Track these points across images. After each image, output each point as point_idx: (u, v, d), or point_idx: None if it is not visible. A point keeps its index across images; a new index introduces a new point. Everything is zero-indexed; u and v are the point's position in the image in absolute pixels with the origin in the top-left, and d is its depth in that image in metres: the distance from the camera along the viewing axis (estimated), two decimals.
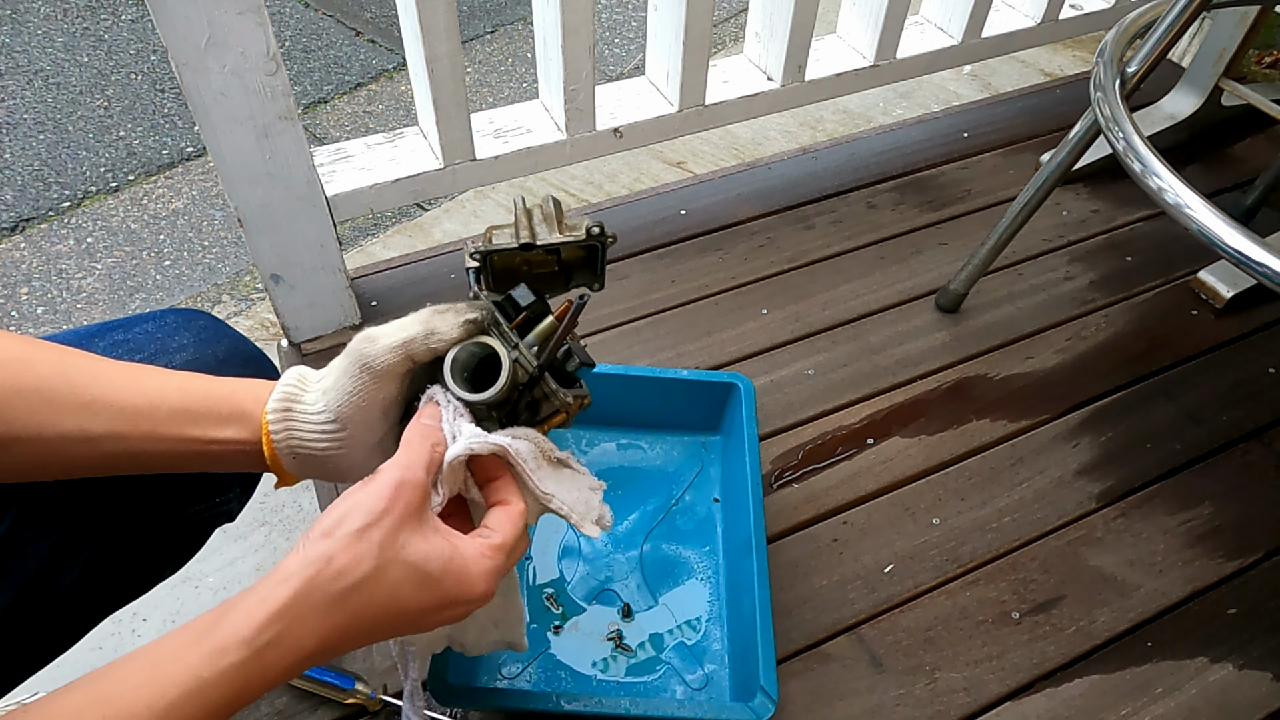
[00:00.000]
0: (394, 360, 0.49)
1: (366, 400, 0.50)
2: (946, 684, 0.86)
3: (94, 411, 0.47)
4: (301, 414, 0.50)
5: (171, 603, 1.08)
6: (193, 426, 0.49)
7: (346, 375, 0.50)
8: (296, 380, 0.51)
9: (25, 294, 1.63)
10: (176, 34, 0.81)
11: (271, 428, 0.50)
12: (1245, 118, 1.49)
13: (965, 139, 1.46)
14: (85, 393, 0.48)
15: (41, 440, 0.47)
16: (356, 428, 0.50)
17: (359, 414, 0.50)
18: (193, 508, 0.62)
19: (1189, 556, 0.96)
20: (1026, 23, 1.40)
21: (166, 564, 0.64)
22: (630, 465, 0.99)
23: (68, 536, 0.54)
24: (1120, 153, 0.82)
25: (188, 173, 1.90)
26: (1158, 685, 0.87)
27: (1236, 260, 0.72)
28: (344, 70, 2.19)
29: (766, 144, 1.89)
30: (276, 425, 0.50)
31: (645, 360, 1.11)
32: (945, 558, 0.95)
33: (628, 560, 0.92)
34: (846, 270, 1.24)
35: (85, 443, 0.48)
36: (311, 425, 0.50)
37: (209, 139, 0.90)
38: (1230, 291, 1.20)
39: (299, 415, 0.50)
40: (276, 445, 0.50)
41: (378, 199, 1.07)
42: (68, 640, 0.60)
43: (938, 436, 1.05)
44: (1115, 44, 0.91)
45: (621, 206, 1.33)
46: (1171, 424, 1.08)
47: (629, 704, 0.75)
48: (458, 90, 1.02)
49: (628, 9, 2.45)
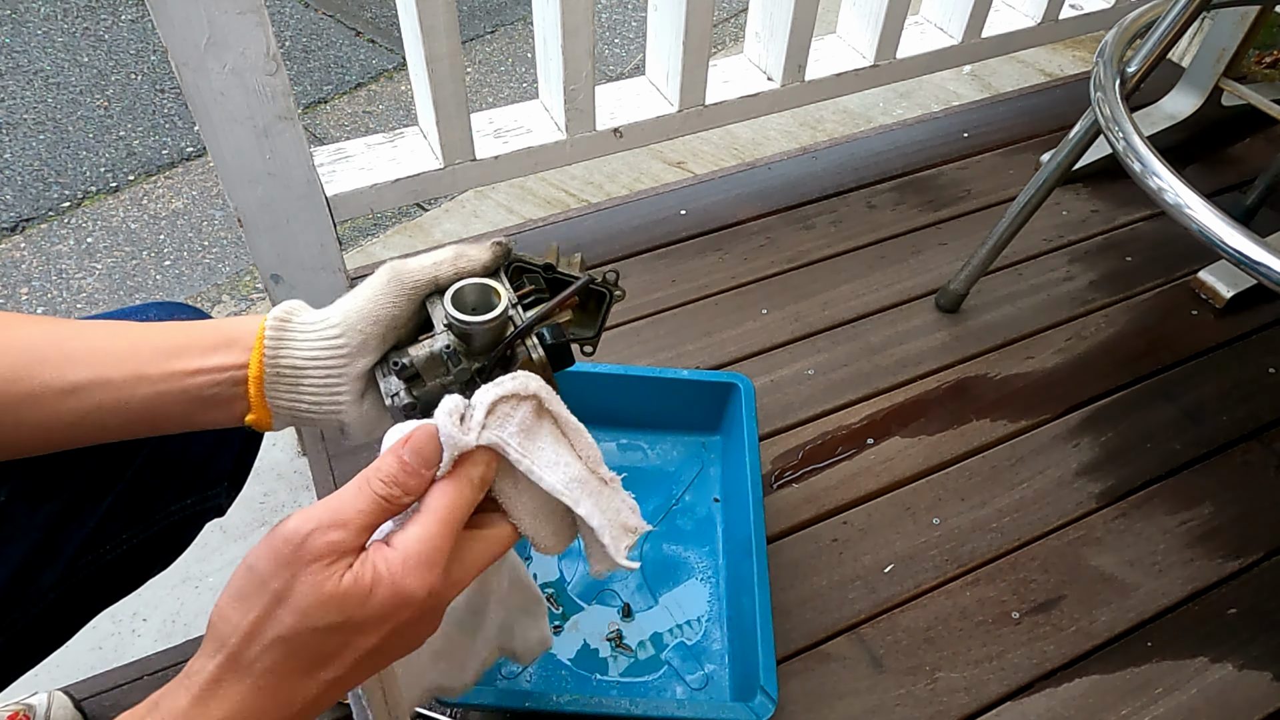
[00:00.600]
0: (423, 277, 0.50)
1: (383, 310, 0.49)
2: (946, 684, 0.86)
3: (76, 360, 0.47)
4: (300, 322, 0.50)
5: (171, 603, 1.08)
6: (178, 360, 0.48)
7: (372, 285, 0.50)
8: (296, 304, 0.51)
9: (25, 294, 1.63)
10: (176, 34, 0.81)
11: (268, 335, 0.49)
12: (1245, 118, 1.49)
13: (965, 139, 1.46)
14: (68, 344, 0.47)
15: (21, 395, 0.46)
16: (357, 338, 0.49)
17: (368, 323, 0.49)
18: (181, 501, 0.62)
19: (1189, 556, 0.96)
20: (1026, 23, 1.40)
21: (156, 560, 0.64)
22: (630, 465, 0.99)
23: (52, 530, 0.54)
24: (1120, 153, 0.82)
25: (188, 173, 1.90)
26: (1158, 685, 0.87)
27: (1236, 260, 0.72)
28: (344, 70, 2.19)
29: (766, 144, 1.89)
30: (272, 334, 0.49)
31: (645, 360, 1.11)
32: (945, 558, 0.95)
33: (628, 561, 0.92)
34: (846, 270, 1.24)
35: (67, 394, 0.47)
36: (311, 332, 0.49)
37: (209, 139, 0.89)
38: (1230, 291, 1.20)
39: (297, 325, 0.50)
40: (267, 357, 0.49)
41: (378, 199, 1.07)
42: (59, 638, 0.59)
43: (938, 436, 1.05)
44: (1115, 44, 0.91)
45: (621, 206, 1.33)
46: (1171, 424, 1.08)
47: (629, 704, 0.75)
48: (458, 90, 1.02)
49: (628, 9, 2.45)
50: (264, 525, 1.16)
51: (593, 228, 1.29)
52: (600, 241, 1.27)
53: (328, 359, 0.49)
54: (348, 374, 0.50)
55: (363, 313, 0.49)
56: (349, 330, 0.49)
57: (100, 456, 0.55)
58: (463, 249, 0.51)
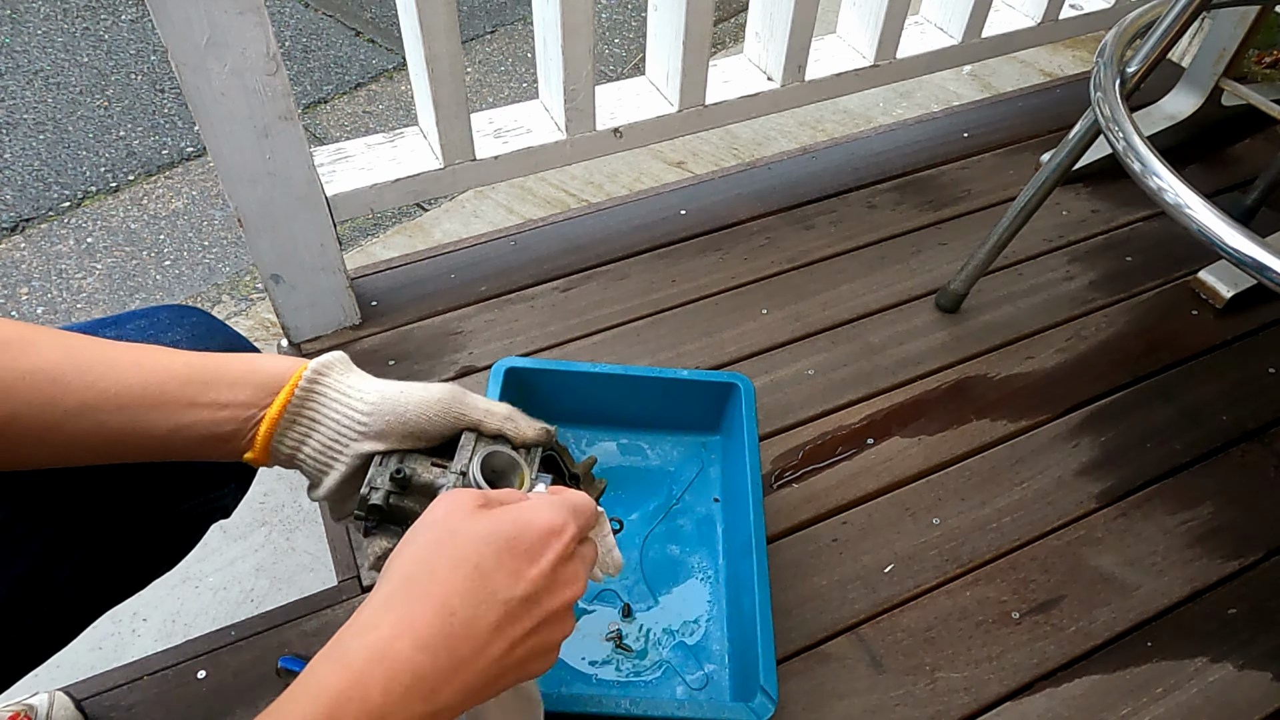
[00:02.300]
0: (473, 419, 0.53)
1: (419, 423, 0.52)
2: (946, 684, 0.86)
3: (99, 388, 0.47)
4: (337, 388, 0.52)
5: (172, 603, 1.08)
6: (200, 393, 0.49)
7: (423, 396, 0.52)
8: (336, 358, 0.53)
9: (25, 294, 1.63)
10: (176, 34, 0.81)
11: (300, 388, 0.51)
12: (1245, 118, 1.49)
13: (965, 139, 1.46)
14: (91, 371, 0.48)
15: (45, 420, 0.47)
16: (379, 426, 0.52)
17: (396, 421, 0.52)
18: (188, 502, 0.62)
19: (1189, 556, 0.96)
20: (1026, 23, 1.40)
21: (162, 561, 0.64)
22: (630, 465, 0.99)
23: (62, 531, 0.54)
24: (1120, 153, 0.82)
25: (188, 173, 1.90)
26: (1158, 685, 0.87)
27: (1236, 260, 0.72)
28: (344, 70, 2.19)
29: (766, 144, 1.89)
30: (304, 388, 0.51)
31: (645, 360, 1.11)
32: (945, 558, 0.95)
33: (628, 560, 0.92)
34: (846, 270, 1.24)
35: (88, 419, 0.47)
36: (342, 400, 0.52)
37: (209, 139, 0.90)
38: (1230, 291, 1.20)
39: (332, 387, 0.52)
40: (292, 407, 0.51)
41: (378, 199, 1.07)
42: (64, 638, 0.60)
43: (938, 436, 1.05)
44: (1115, 44, 0.91)
45: (621, 206, 1.33)
46: (1171, 424, 1.08)
47: (629, 704, 0.75)
48: (458, 90, 1.02)
49: (628, 9, 2.45)
50: (264, 525, 1.16)
51: (593, 228, 1.29)
52: (600, 241, 1.27)
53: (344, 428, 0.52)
54: (352, 450, 0.52)
55: (399, 412, 0.52)
56: (378, 416, 0.52)
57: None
58: (516, 416, 0.55)
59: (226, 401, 0.49)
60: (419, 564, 0.42)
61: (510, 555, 0.43)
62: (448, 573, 0.42)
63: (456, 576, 0.42)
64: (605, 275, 1.22)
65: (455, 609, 0.41)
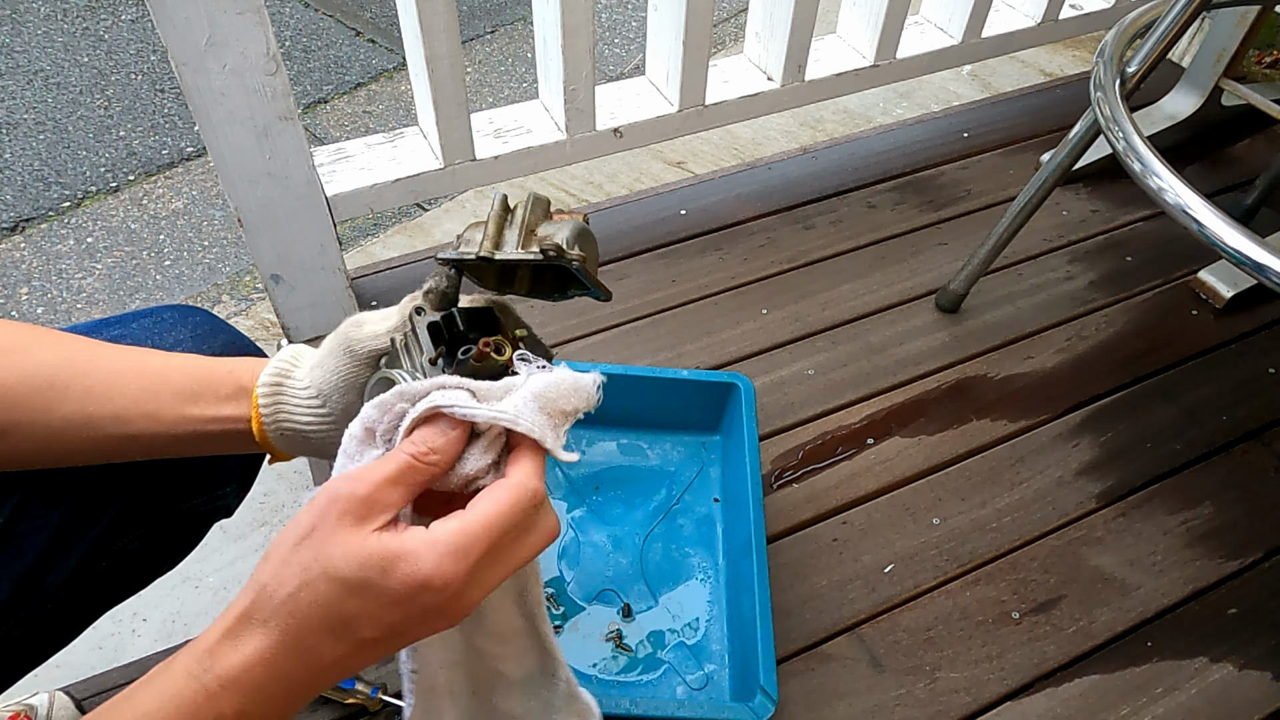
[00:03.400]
0: (376, 346, 0.51)
1: (347, 381, 0.51)
2: (946, 684, 0.86)
3: (96, 395, 0.48)
4: (290, 390, 0.51)
5: (172, 603, 1.08)
6: (194, 405, 0.50)
7: (332, 355, 0.51)
8: (290, 358, 0.52)
9: (25, 294, 1.63)
10: (176, 34, 0.81)
11: (261, 404, 0.50)
12: (1245, 118, 1.49)
13: (965, 139, 1.46)
14: (88, 378, 0.48)
15: (44, 426, 0.47)
16: (339, 406, 0.51)
17: (340, 393, 0.51)
18: (190, 501, 0.62)
19: (1189, 556, 0.96)
20: (1026, 23, 1.40)
21: (164, 560, 0.64)
22: (630, 465, 0.99)
23: (65, 529, 0.54)
24: (1120, 153, 0.82)
25: (188, 173, 1.90)
26: (1158, 685, 0.87)
27: (1236, 260, 0.72)
28: (344, 70, 2.19)
29: (766, 144, 1.89)
30: (266, 402, 0.50)
31: (645, 360, 1.11)
32: (945, 558, 0.95)
33: (628, 560, 0.92)
34: (846, 270, 1.24)
35: (86, 426, 0.48)
36: (298, 401, 0.51)
37: (209, 139, 0.90)
38: (1230, 291, 1.20)
39: (288, 392, 0.51)
40: (265, 422, 0.50)
41: (378, 199, 1.07)
42: (65, 636, 0.60)
43: (938, 436, 1.05)
44: (1115, 44, 0.91)
45: (621, 206, 1.33)
46: (1171, 424, 1.08)
47: (629, 704, 0.75)
48: (458, 90, 1.02)
49: (628, 9, 2.45)
50: (264, 525, 1.16)
51: (592, 228, 1.29)
52: (600, 241, 1.26)
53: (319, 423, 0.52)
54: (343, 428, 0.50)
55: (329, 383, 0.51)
56: (328, 401, 0.51)
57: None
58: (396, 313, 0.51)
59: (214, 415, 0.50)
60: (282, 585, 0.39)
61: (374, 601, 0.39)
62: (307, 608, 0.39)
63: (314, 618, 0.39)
64: (605, 275, 1.22)
65: (312, 646, 0.39)
